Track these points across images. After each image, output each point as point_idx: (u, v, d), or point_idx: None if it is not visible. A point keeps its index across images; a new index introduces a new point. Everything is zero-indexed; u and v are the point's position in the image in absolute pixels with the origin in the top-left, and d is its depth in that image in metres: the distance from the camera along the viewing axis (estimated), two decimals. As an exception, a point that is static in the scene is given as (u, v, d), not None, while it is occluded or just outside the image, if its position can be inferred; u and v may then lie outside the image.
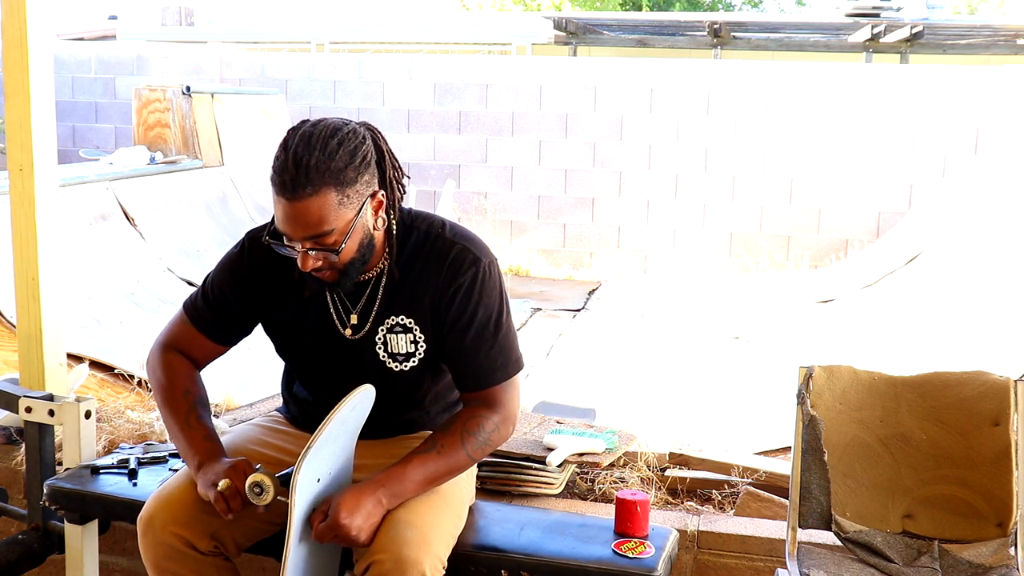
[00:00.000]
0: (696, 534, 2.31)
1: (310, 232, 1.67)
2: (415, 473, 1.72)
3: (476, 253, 1.82)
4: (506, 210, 8.20)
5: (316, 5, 17.71)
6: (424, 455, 1.75)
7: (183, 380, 1.91)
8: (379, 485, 1.69)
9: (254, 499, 1.68)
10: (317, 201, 1.65)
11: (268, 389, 3.09)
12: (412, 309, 1.83)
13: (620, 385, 4.54)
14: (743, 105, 7.73)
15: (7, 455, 2.70)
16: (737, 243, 7.81)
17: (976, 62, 10.02)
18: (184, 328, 1.96)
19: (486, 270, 1.81)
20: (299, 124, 1.73)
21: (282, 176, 1.66)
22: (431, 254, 1.82)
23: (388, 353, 1.85)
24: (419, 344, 1.84)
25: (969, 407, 2.02)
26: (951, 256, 5.87)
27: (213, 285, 1.94)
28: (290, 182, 1.64)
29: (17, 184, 2.46)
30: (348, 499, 1.65)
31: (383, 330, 1.84)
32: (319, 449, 1.64)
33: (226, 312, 1.92)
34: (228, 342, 1.97)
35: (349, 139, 1.69)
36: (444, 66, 8.33)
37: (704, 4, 21.19)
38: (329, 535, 1.64)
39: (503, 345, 1.82)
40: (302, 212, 1.65)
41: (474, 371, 1.82)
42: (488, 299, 1.81)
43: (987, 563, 1.95)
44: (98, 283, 4.83)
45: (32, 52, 2.42)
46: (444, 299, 1.80)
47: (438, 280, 1.80)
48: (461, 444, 1.77)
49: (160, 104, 6.74)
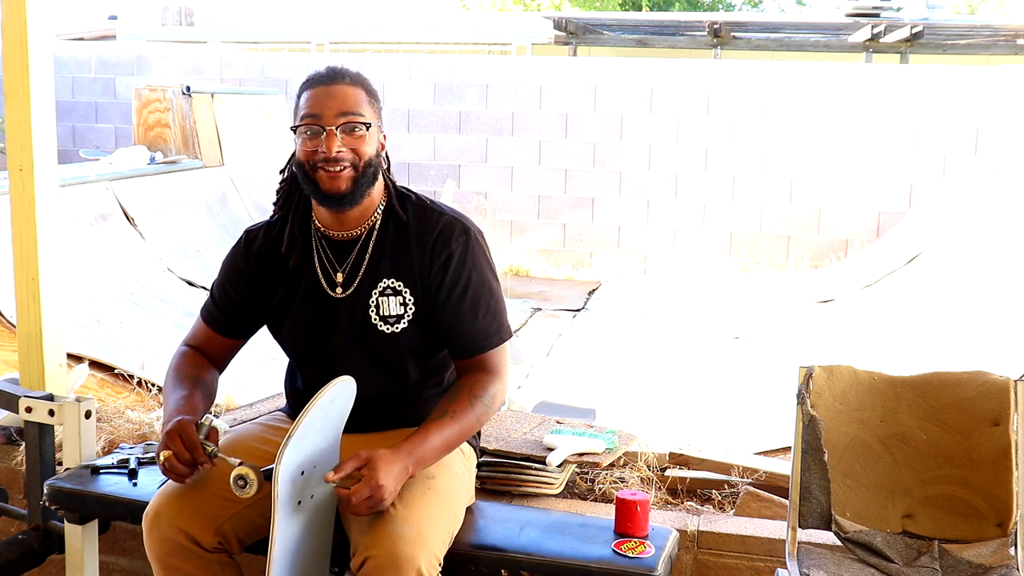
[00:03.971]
0: (696, 534, 2.31)
1: (345, 109, 1.82)
2: (434, 439, 1.79)
3: (464, 223, 1.92)
4: (506, 210, 8.20)
5: (316, 5, 17.71)
6: (439, 421, 1.81)
7: (182, 364, 2.00)
8: (406, 452, 1.74)
9: (238, 492, 1.68)
10: (352, 89, 1.85)
11: (268, 389, 3.09)
12: (400, 272, 1.90)
13: (620, 385, 4.54)
14: (743, 105, 7.73)
15: (7, 455, 2.70)
16: (737, 243, 7.81)
17: (976, 62, 10.02)
18: (200, 329, 2.06)
19: (476, 239, 1.91)
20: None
21: (318, 74, 1.87)
22: (420, 221, 1.91)
23: (380, 316, 1.90)
24: (408, 307, 1.90)
25: (969, 407, 2.02)
26: (951, 256, 5.87)
27: (217, 285, 2.04)
28: (328, 73, 1.86)
29: (17, 184, 2.47)
30: (382, 462, 1.69)
31: (376, 293, 1.90)
32: (299, 439, 1.65)
33: (231, 306, 2.01)
34: (240, 336, 2.05)
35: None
36: (444, 66, 8.33)
37: (704, 4, 21.18)
38: (366, 493, 1.66)
39: (495, 311, 1.92)
40: (339, 92, 1.83)
41: (471, 336, 1.89)
42: (480, 266, 1.90)
43: (987, 563, 1.95)
44: (98, 283, 4.83)
45: (32, 52, 2.42)
46: (435, 266, 1.88)
47: (427, 247, 1.89)
48: (470, 407, 1.85)
49: (160, 104, 6.74)
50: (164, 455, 1.74)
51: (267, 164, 7.43)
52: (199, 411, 1.87)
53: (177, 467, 1.73)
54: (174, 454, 1.73)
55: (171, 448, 1.73)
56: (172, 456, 1.73)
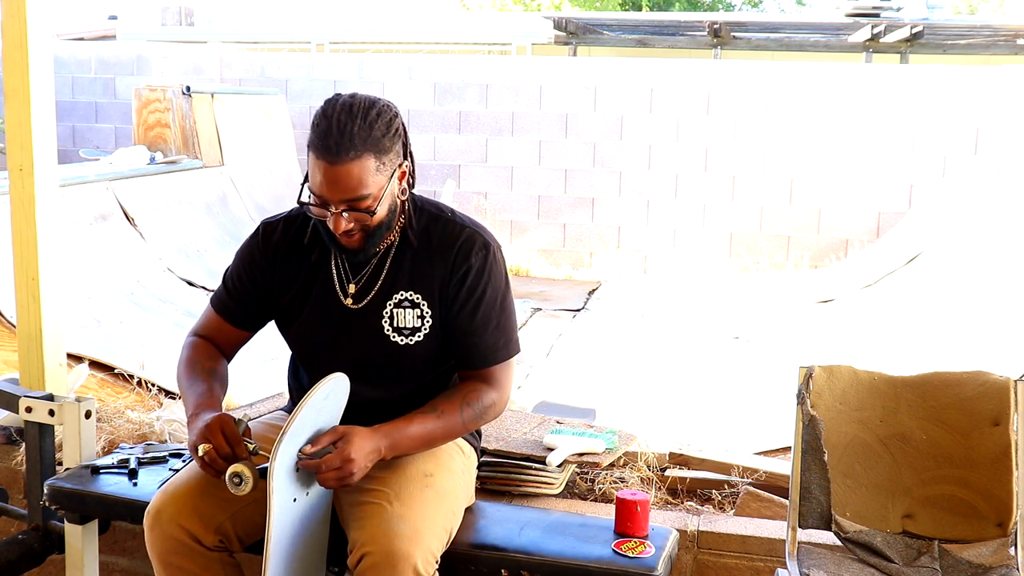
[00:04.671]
0: (696, 534, 2.31)
1: (349, 195, 1.75)
2: (415, 430, 1.81)
3: (485, 238, 1.92)
4: (506, 210, 8.20)
5: (316, 5, 17.71)
6: (425, 416, 1.83)
7: (196, 355, 1.99)
8: (382, 435, 1.77)
9: (233, 489, 1.68)
10: (358, 166, 1.73)
11: (268, 389, 3.09)
12: (420, 285, 1.89)
13: (620, 385, 4.54)
14: (743, 105, 7.72)
15: (7, 455, 2.70)
16: (737, 243, 7.81)
17: (976, 62, 10.02)
18: (210, 318, 2.05)
19: (494, 254, 1.91)
20: (334, 96, 1.81)
21: (326, 141, 1.73)
22: (442, 235, 1.90)
23: (393, 327, 1.89)
24: (425, 319, 1.90)
25: (969, 407, 2.02)
26: (951, 256, 5.87)
27: (231, 274, 2.02)
28: (334, 147, 1.72)
29: (17, 184, 2.46)
30: (357, 437, 1.72)
31: (391, 304, 1.89)
32: (294, 435, 1.65)
33: (244, 298, 2.00)
34: (250, 328, 2.05)
35: (385, 112, 1.79)
36: (444, 66, 8.33)
37: (704, 4, 21.18)
38: (336, 463, 1.68)
39: (505, 326, 1.92)
40: (343, 176, 1.73)
41: (478, 350, 1.90)
42: (496, 281, 1.90)
43: (987, 563, 1.95)
44: (98, 283, 4.83)
45: (32, 52, 2.42)
46: (454, 279, 1.88)
47: (448, 260, 1.88)
48: (459, 411, 1.86)
49: (160, 104, 6.74)
50: (204, 448, 1.72)
51: (267, 164, 7.43)
52: (220, 405, 1.88)
53: (218, 462, 1.72)
54: (215, 448, 1.72)
55: (212, 442, 1.72)
56: (213, 450, 1.72)
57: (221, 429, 1.73)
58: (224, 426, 1.74)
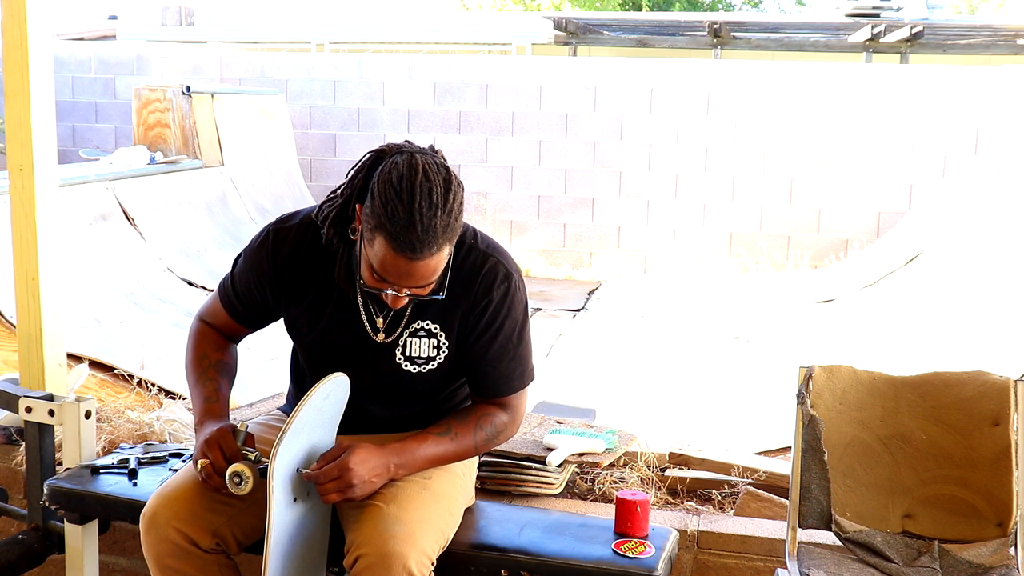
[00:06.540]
0: (696, 534, 2.31)
1: (421, 283, 1.70)
2: (427, 450, 1.81)
3: (507, 268, 1.86)
4: (506, 210, 8.20)
5: (316, 5, 17.71)
6: (439, 437, 1.83)
7: (204, 346, 1.99)
8: (393, 453, 1.76)
9: (234, 489, 1.68)
10: (437, 258, 1.66)
11: (268, 389, 3.08)
12: (441, 317, 1.86)
13: (620, 385, 4.54)
14: (743, 105, 7.73)
15: (7, 455, 2.70)
16: (737, 243, 7.81)
17: (976, 62, 10.01)
18: (216, 307, 2.03)
19: (516, 284, 1.87)
20: (404, 167, 1.65)
21: (408, 237, 1.61)
22: (464, 265, 1.84)
23: (406, 356, 1.87)
24: (441, 349, 1.87)
25: (969, 407, 2.02)
26: (951, 256, 5.87)
27: (239, 275, 1.97)
28: (418, 244, 1.62)
29: (17, 184, 2.46)
30: (361, 450, 1.71)
31: (407, 333, 1.87)
32: (293, 435, 1.65)
33: (249, 302, 1.97)
34: (253, 327, 2.04)
35: (458, 192, 1.68)
36: (444, 66, 8.33)
37: (704, 4, 21.18)
38: (334, 474, 1.68)
39: (522, 356, 1.90)
40: (421, 269, 1.66)
41: (493, 380, 1.89)
42: (515, 313, 1.87)
43: (987, 563, 1.95)
44: (98, 283, 4.83)
45: (32, 52, 2.42)
46: (475, 311, 1.85)
47: (471, 292, 1.84)
48: (473, 434, 1.86)
49: (160, 104, 6.74)
50: (202, 463, 1.73)
51: (267, 164, 7.44)
52: (228, 401, 1.88)
53: (214, 477, 1.73)
54: (211, 463, 1.72)
55: (210, 457, 1.73)
56: (210, 465, 1.72)
57: (219, 444, 1.74)
58: (222, 440, 1.74)
